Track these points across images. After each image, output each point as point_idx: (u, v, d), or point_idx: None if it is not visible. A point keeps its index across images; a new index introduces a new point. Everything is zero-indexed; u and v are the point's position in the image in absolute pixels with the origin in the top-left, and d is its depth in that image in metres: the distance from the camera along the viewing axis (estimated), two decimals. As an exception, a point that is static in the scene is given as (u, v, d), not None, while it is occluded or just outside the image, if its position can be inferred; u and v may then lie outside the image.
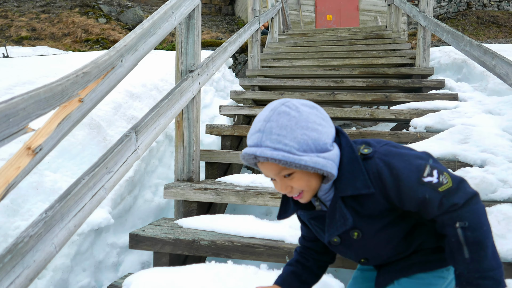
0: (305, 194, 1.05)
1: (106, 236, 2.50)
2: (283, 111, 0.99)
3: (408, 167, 0.99)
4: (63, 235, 1.34)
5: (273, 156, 0.95)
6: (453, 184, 0.98)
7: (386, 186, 1.00)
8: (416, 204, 1.00)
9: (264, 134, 0.98)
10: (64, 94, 1.35)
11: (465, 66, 4.44)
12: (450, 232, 0.96)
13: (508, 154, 2.34)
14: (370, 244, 1.10)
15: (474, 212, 0.95)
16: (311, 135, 0.98)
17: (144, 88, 3.65)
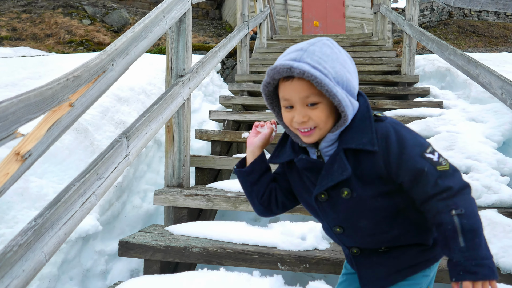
0: (316, 132, 1.02)
1: (94, 244, 2.45)
2: (327, 44, 1.01)
3: (414, 140, 1.02)
4: (53, 243, 1.31)
5: (311, 72, 0.94)
6: (449, 169, 1.00)
7: (390, 150, 1.00)
8: (412, 175, 0.99)
9: (306, 52, 0.97)
10: (54, 98, 1.32)
11: (448, 74, 4.53)
12: (446, 219, 0.96)
13: (492, 161, 2.40)
14: (354, 208, 1.06)
15: (469, 200, 0.97)
16: (346, 74, 0.99)
17: (132, 92, 3.60)
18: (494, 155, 2.44)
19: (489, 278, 0.93)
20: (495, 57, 5.14)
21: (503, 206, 2.13)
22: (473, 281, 0.93)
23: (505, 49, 10.37)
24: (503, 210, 2.04)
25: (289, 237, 2.07)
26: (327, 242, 2.07)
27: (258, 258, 1.95)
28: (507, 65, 4.45)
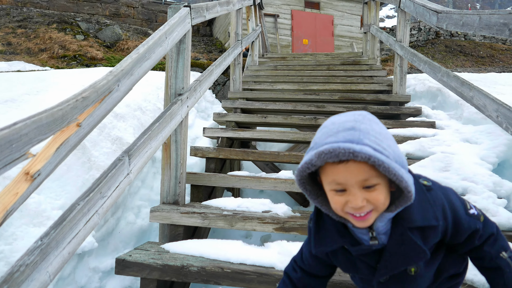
0: (372, 215, 0.93)
1: (89, 260, 2.42)
2: (372, 119, 0.92)
3: (458, 200, 1.05)
4: (58, 263, 1.30)
5: (377, 157, 0.84)
6: (483, 216, 1.07)
7: (447, 218, 1.00)
8: (467, 235, 1.04)
9: (362, 133, 0.87)
10: (64, 119, 1.33)
11: (439, 94, 4.64)
12: (502, 263, 1.03)
13: (488, 183, 2.44)
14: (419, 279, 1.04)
15: (505, 240, 1.05)
16: (397, 149, 0.92)
17: (128, 108, 3.61)
18: (490, 177, 2.48)
19: None
20: (484, 77, 5.29)
21: (501, 230, 2.17)
22: None
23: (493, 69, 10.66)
24: (500, 233, 2.07)
25: (287, 257, 2.08)
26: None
27: (256, 279, 1.95)
28: (497, 86, 4.58)
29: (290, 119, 4.31)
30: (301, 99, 5.24)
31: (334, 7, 13.93)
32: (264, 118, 4.39)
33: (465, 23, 2.67)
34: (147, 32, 12.67)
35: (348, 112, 0.95)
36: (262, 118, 4.41)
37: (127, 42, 11.05)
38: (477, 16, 2.48)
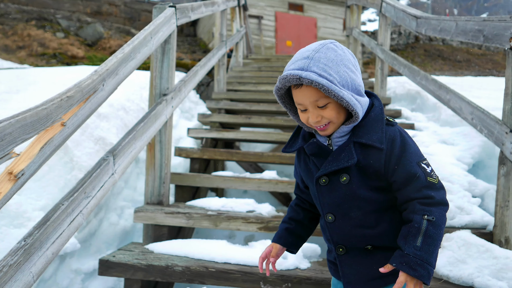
0: (330, 126, 1.13)
1: (70, 262, 2.39)
2: (331, 47, 1.10)
3: (415, 149, 1.14)
4: (41, 263, 1.30)
5: (318, 81, 1.04)
6: (437, 183, 1.13)
7: (394, 151, 1.12)
8: (405, 177, 1.11)
9: (312, 61, 1.07)
10: (48, 118, 1.33)
11: (418, 97, 4.76)
12: (417, 219, 1.07)
13: (463, 183, 2.53)
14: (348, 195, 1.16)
15: (442, 215, 1.09)
16: (351, 75, 1.09)
17: (111, 108, 3.58)
18: (465, 177, 2.58)
19: (423, 279, 1.04)
20: (461, 81, 5.44)
21: (475, 227, 2.25)
22: (409, 276, 1.04)
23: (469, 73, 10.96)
24: (475, 231, 2.15)
25: (271, 256, 2.10)
26: (308, 261, 2.12)
27: (240, 277, 1.97)
28: (473, 90, 4.72)
29: (274, 120, 4.34)
30: (284, 100, 5.28)
31: (317, 10, 14.08)
32: (248, 119, 4.41)
33: (442, 28, 2.76)
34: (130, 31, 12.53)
35: (318, 42, 1.13)
36: (246, 119, 4.43)
37: (109, 41, 10.91)
38: (454, 22, 2.56)
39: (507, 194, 2.05)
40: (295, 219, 1.38)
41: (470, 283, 1.76)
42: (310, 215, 1.38)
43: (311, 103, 1.10)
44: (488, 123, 2.19)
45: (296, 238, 1.37)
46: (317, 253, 2.25)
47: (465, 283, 1.77)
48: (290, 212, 1.40)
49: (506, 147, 2.03)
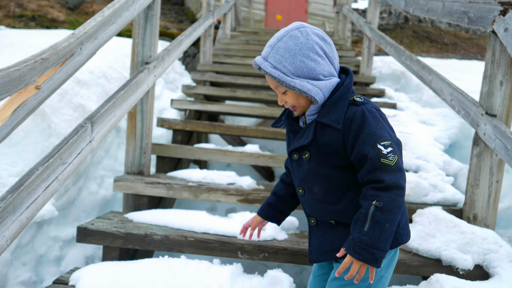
0: (297, 109, 1.24)
1: (48, 229, 2.39)
2: (294, 35, 1.16)
3: (375, 129, 1.14)
4: (15, 227, 1.29)
5: (271, 73, 1.16)
6: (393, 165, 1.12)
7: (350, 131, 1.15)
8: (358, 157, 1.14)
9: (272, 51, 1.17)
10: (21, 80, 1.29)
11: (403, 77, 4.79)
12: (365, 204, 1.10)
13: (439, 162, 2.60)
14: (311, 171, 1.24)
15: (393, 200, 1.09)
16: (308, 63, 1.15)
17: (91, 75, 3.49)
18: (441, 157, 2.65)
19: (369, 263, 1.08)
20: (445, 63, 5.49)
21: (447, 204, 2.33)
22: (354, 259, 1.09)
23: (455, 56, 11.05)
24: (447, 208, 2.22)
25: (249, 228, 2.14)
26: (285, 233, 2.17)
27: (218, 247, 2.00)
28: (456, 73, 4.78)
29: (259, 94, 4.32)
30: (270, 75, 5.24)
31: (308, -16, 13.81)
32: (233, 92, 4.38)
33: (429, 8, 2.75)
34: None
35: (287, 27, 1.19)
36: (231, 92, 4.39)
37: (92, 6, 10.54)
38: (441, 2, 2.56)
39: (478, 174, 2.11)
40: (277, 194, 1.46)
41: (437, 255, 1.84)
42: (292, 190, 1.44)
43: (275, 88, 1.22)
44: (466, 104, 2.22)
45: (277, 213, 1.47)
46: (295, 225, 2.29)
47: (433, 255, 1.85)
48: (276, 187, 1.50)
49: (480, 128, 2.07)
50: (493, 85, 2.02)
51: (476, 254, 1.83)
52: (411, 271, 1.89)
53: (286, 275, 1.81)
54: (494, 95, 2.02)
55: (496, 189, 2.09)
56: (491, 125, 1.97)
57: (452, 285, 1.64)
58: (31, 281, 2.17)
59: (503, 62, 1.99)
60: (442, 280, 1.67)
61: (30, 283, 2.17)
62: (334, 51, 1.21)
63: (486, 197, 2.10)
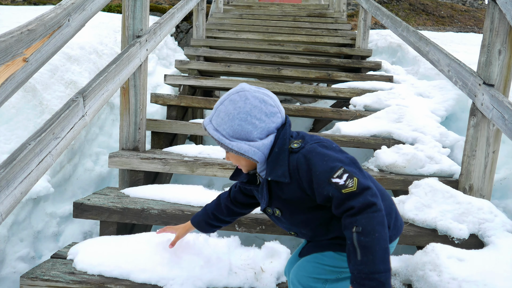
0: (242, 167, 1.30)
1: (45, 206, 2.38)
2: (233, 99, 1.21)
3: (323, 166, 1.13)
4: (9, 202, 1.28)
5: (212, 135, 1.22)
6: (356, 189, 1.09)
7: (302, 178, 1.17)
8: (322, 198, 1.14)
9: (215, 113, 1.23)
10: (8, 52, 1.25)
11: (399, 50, 4.73)
12: (348, 235, 1.08)
13: (435, 134, 2.60)
14: (291, 221, 1.29)
15: (370, 219, 1.06)
16: (245, 127, 1.19)
17: (82, 51, 3.42)
18: (437, 129, 2.64)
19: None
20: (442, 36, 5.43)
21: (443, 176, 2.34)
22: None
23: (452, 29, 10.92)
24: (443, 179, 2.23)
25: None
26: (281, 205, 2.18)
27: (215, 220, 2.01)
28: (453, 45, 4.72)
29: (254, 69, 4.26)
30: (265, 49, 5.17)
31: (303, -44, 13.45)
32: (228, 67, 4.32)
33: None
34: (104, -28, 11.72)
35: (230, 90, 1.23)
36: (225, 67, 4.33)
37: (81, -19, 10.20)
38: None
39: (475, 144, 2.11)
40: (217, 217, 1.55)
41: (433, 225, 1.85)
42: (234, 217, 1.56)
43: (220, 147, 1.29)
44: (463, 75, 2.20)
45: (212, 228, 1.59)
46: None
47: (429, 225, 1.86)
48: (216, 208, 1.55)
49: (478, 99, 2.06)
50: (491, 54, 1.99)
51: (472, 223, 1.84)
52: (407, 241, 1.91)
53: (283, 246, 1.82)
54: (492, 65, 2.00)
55: (493, 160, 2.10)
56: (489, 95, 1.96)
57: (447, 254, 1.65)
58: (29, 257, 2.18)
59: (501, 30, 1.96)
60: (437, 249, 1.69)
61: (28, 258, 2.18)
62: (276, 106, 1.23)
63: (482, 167, 2.11)
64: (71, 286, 1.56)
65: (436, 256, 1.63)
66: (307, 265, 1.30)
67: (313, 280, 1.27)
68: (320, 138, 1.23)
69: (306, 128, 4.74)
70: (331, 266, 1.27)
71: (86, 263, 1.65)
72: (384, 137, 2.70)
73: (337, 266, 1.27)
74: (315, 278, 1.27)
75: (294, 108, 3.33)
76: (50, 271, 1.62)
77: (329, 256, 1.27)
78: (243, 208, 1.53)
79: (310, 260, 1.30)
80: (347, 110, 3.25)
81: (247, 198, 1.49)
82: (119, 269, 1.62)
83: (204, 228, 1.58)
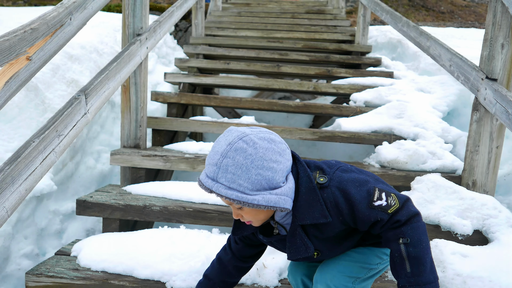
0: (254, 223, 1.11)
1: (48, 203, 2.39)
2: (240, 148, 0.99)
3: (360, 193, 1.07)
4: (15, 199, 1.28)
5: (227, 196, 0.98)
6: (399, 205, 1.07)
7: (343, 212, 1.07)
8: (368, 226, 1.09)
9: (220, 170, 0.99)
10: (12, 51, 1.26)
11: (399, 45, 4.73)
12: (394, 247, 1.05)
13: (437, 129, 2.60)
14: (326, 257, 1.22)
15: (415, 229, 1.05)
16: (265, 174, 1.00)
17: (83, 50, 3.42)
18: (439, 124, 2.64)
19: None
20: (443, 31, 5.42)
21: (445, 171, 2.34)
22: None
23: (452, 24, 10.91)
24: (445, 175, 2.23)
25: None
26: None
27: (217, 216, 2.02)
28: (454, 40, 4.72)
29: (253, 66, 4.26)
30: (264, 46, 5.17)
31: (301, -47, 13.41)
32: (227, 65, 4.32)
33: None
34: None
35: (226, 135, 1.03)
36: (224, 64, 4.33)
37: (80, -20, 10.18)
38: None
39: (478, 140, 2.12)
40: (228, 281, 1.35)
41: (436, 221, 1.85)
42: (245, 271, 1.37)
43: (229, 205, 1.06)
44: (465, 69, 2.20)
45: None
46: None
47: (432, 221, 1.86)
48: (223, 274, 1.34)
49: (480, 93, 2.06)
50: (494, 48, 2.00)
51: (475, 219, 1.84)
52: (409, 235, 1.91)
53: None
54: (495, 59, 2.00)
55: (496, 155, 2.10)
56: (492, 90, 1.96)
57: (451, 250, 1.65)
58: (34, 254, 2.19)
59: (504, 24, 1.96)
60: (441, 245, 1.69)
61: (32, 255, 2.19)
62: (282, 141, 1.07)
63: (486, 163, 2.11)
64: (75, 282, 1.57)
65: (439, 252, 1.63)
66: (340, 263, 1.22)
67: (345, 279, 1.19)
68: (335, 164, 1.15)
69: (306, 124, 4.74)
70: (362, 263, 1.22)
71: (90, 259, 1.66)
72: (385, 132, 2.71)
73: (368, 262, 1.23)
74: (347, 277, 1.20)
75: (294, 105, 3.33)
76: (54, 268, 1.63)
77: (362, 251, 1.23)
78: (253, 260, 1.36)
79: (341, 258, 1.23)
80: (348, 106, 3.25)
81: (255, 248, 1.33)
82: (122, 265, 1.63)
83: None
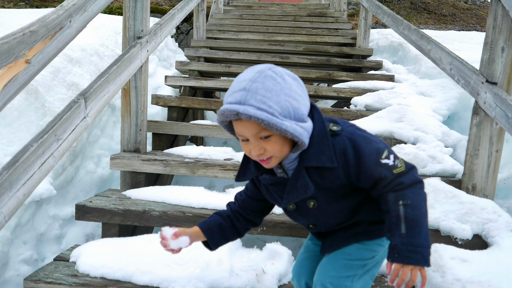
0: (273, 160, 1.07)
1: (47, 208, 2.38)
2: (269, 75, 1.00)
3: (370, 148, 1.08)
4: (12, 204, 1.28)
5: (256, 115, 0.96)
6: (405, 169, 1.09)
7: (349, 162, 1.07)
8: (371, 181, 1.08)
9: (250, 93, 0.98)
10: (10, 54, 1.25)
11: (401, 49, 4.72)
12: (393, 208, 1.05)
13: (437, 133, 2.59)
14: (322, 213, 1.18)
15: (417, 194, 1.06)
16: (293, 103, 1.01)
17: (84, 53, 3.42)
18: (440, 128, 2.63)
19: (419, 264, 1.01)
20: (444, 34, 5.41)
21: (445, 175, 2.32)
22: (404, 265, 1.01)
23: (453, 27, 10.90)
24: (445, 179, 2.22)
25: (247, 202, 2.14)
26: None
27: (217, 221, 2.00)
28: (455, 43, 4.71)
29: (254, 69, 4.25)
30: (266, 49, 5.17)
31: (302, -44, 13.44)
32: (228, 68, 4.31)
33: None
34: (104, -27, 11.73)
35: (253, 68, 1.03)
36: (226, 67, 4.33)
37: (82, -17, 10.21)
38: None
39: (478, 144, 2.10)
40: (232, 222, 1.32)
41: (436, 226, 1.84)
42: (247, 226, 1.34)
43: (252, 135, 1.02)
44: (466, 73, 2.19)
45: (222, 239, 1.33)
46: None
47: (431, 226, 1.85)
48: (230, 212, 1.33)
49: (480, 97, 2.05)
50: (494, 52, 1.99)
51: (475, 223, 1.83)
52: (410, 240, 1.90)
53: (284, 248, 1.82)
54: (495, 62, 1.99)
55: (496, 159, 2.09)
56: (492, 93, 1.95)
57: (451, 255, 1.64)
58: (33, 259, 2.18)
59: (505, 27, 1.95)
60: (440, 250, 1.68)
61: (31, 261, 2.18)
62: (305, 90, 1.09)
63: (486, 167, 2.10)
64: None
65: (439, 257, 1.62)
66: (335, 264, 1.22)
67: (344, 279, 1.19)
68: (350, 122, 1.17)
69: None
70: (358, 260, 1.21)
71: (89, 265, 1.65)
72: (386, 136, 2.70)
73: (363, 258, 1.22)
74: (345, 277, 1.20)
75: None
76: (53, 274, 1.62)
77: (355, 248, 1.22)
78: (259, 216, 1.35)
79: (336, 258, 1.23)
80: (348, 110, 3.24)
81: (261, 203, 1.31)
82: (121, 271, 1.61)
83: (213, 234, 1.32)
